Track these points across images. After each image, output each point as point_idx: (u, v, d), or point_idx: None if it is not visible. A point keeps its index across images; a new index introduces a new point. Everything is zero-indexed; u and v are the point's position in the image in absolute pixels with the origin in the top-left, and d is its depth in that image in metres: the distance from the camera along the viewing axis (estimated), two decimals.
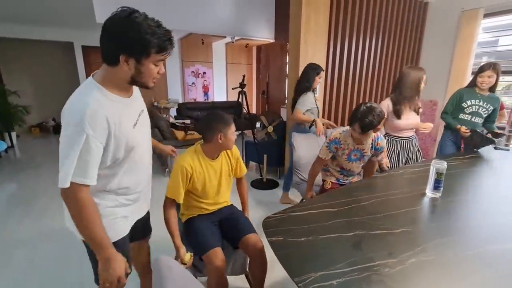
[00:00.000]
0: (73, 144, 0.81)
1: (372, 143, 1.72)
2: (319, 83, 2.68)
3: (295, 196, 2.93)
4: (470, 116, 2.36)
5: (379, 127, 1.56)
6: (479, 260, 0.90)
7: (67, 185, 0.82)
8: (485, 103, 2.30)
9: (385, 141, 1.74)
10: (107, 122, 0.86)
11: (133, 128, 0.97)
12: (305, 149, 2.34)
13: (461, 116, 2.39)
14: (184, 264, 1.32)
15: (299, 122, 2.63)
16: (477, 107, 2.32)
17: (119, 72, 0.87)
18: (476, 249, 0.96)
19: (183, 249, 1.35)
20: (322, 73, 2.64)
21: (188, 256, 1.34)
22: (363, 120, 1.51)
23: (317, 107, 2.69)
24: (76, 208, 0.86)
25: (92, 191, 0.91)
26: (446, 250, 0.95)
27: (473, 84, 2.33)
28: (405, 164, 2.23)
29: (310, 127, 2.63)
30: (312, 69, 2.58)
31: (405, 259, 0.88)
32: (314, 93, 2.72)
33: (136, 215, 1.13)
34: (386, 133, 2.18)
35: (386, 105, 2.09)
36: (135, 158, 1.00)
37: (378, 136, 1.73)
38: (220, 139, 1.38)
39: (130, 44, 0.81)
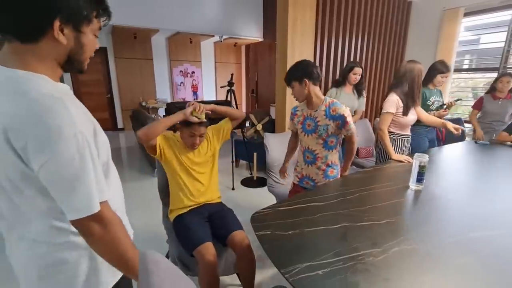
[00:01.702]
0: (80, 156, 0.59)
1: (325, 110, 1.57)
2: (356, 79, 2.62)
3: (269, 199, 2.82)
4: (436, 111, 2.51)
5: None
6: (459, 247, 0.94)
7: (97, 208, 0.62)
8: (439, 96, 2.53)
9: (346, 109, 1.58)
10: (84, 111, 0.67)
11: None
12: (279, 150, 2.19)
13: (429, 113, 2.45)
14: (195, 112, 1.36)
15: None
16: (437, 102, 2.49)
17: (47, 49, 0.60)
18: (457, 236, 1.00)
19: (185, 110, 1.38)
20: (357, 69, 2.58)
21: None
22: (313, 67, 1.55)
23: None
24: (111, 232, 0.66)
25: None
26: (428, 238, 0.99)
27: (428, 82, 2.46)
28: None
29: None
30: (346, 66, 2.70)
31: (388, 248, 0.91)
32: (354, 90, 2.71)
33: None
34: (390, 132, 2.03)
35: (396, 100, 1.95)
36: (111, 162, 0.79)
37: (334, 102, 1.58)
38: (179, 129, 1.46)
39: (68, 3, 0.58)
